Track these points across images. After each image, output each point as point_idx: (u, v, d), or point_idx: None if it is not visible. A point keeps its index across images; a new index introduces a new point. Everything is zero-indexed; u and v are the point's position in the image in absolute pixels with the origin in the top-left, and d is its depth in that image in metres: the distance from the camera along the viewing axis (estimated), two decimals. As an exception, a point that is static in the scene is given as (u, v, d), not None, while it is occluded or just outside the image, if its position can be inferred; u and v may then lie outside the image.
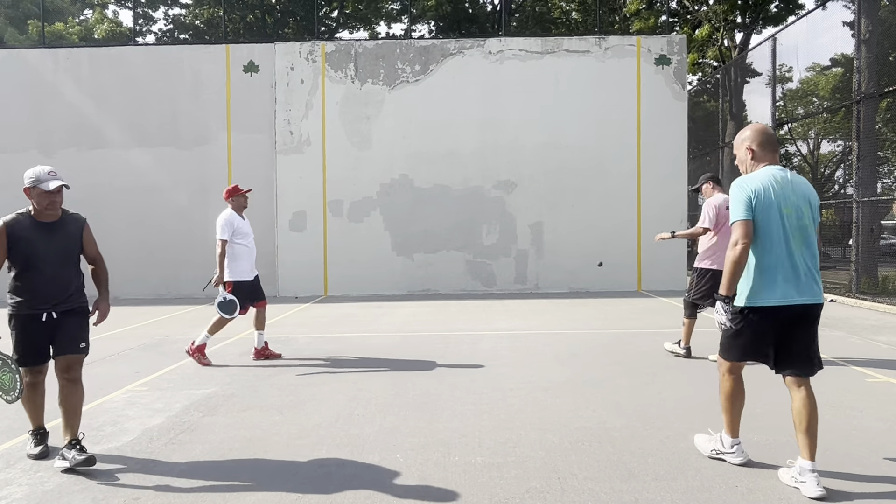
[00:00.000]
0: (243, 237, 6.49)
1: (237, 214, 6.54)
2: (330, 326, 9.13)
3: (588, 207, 13.60)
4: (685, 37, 14.68)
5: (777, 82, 14.91)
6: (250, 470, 3.65)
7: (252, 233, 6.69)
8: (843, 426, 4.25)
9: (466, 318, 9.80)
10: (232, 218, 6.46)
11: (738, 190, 3.27)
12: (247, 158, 13.81)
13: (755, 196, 3.23)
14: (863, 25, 11.23)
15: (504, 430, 4.26)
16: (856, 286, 11.08)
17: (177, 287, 13.68)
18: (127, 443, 4.13)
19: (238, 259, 6.45)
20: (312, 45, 13.88)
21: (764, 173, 3.31)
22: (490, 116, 13.69)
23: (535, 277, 13.74)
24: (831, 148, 28.02)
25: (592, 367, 6.13)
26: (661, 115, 13.53)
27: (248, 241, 6.55)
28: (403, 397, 5.14)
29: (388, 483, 3.42)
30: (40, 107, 13.84)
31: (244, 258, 6.50)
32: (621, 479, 3.42)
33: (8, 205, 16.78)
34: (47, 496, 3.31)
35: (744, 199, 3.23)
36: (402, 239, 13.77)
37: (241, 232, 6.47)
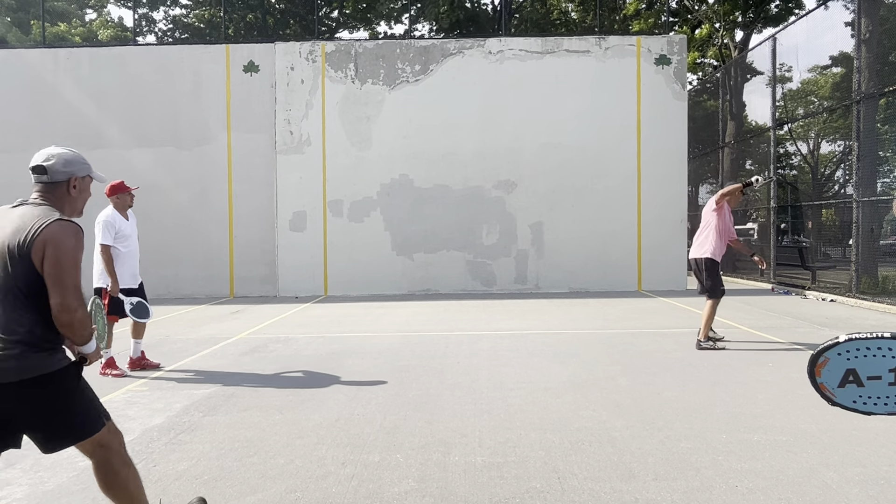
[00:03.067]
0: (124, 239, 5.97)
1: (119, 214, 6.00)
2: (330, 326, 9.13)
3: (588, 207, 13.60)
4: (685, 37, 14.67)
5: (777, 82, 14.91)
6: (250, 470, 3.65)
7: (136, 233, 6.16)
8: (843, 426, 4.25)
9: (466, 318, 9.80)
10: (114, 218, 5.92)
11: None
12: (247, 158, 13.81)
13: None
14: (863, 25, 11.23)
15: (504, 430, 4.26)
16: (856, 286, 11.09)
17: (176, 287, 13.69)
18: (127, 443, 4.11)
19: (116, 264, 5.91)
20: (312, 45, 13.88)
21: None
22: (490, 116, 13.69)
23: (535, 277, 13.75)
24: (831, 148, 28.02)
25: (592, 367, 6.13)
26: (661, 115, 13.54)
27: (129, 244, 6.03)
28: (403, 397, 5.14)
29: (389, 483, 3.42)
30: (40, 107, 13.85)
31: (124, 263, 5.98)
32: (621, 479, 3.42)
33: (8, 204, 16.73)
34: (47, 496, 3.31)
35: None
36: (402, 239, 13.77)
37: (122, 234, 5.95)
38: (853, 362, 1.86)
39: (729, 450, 3.83)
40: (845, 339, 1.85)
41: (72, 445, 2.42)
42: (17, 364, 2.22)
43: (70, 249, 2.27)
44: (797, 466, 3.56)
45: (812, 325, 8.60)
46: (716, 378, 5.66)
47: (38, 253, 2.23)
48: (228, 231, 13.82)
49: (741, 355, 6.63)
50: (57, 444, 2.39)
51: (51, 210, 2.35)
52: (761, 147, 16.57)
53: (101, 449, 2.48)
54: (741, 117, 18.29)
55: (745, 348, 6.99)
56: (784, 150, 22.38)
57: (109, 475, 2.51)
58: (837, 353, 1.85)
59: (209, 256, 13.75)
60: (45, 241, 2.23)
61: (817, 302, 11.39)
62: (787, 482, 3.36)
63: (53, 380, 2.30)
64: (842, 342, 1.85)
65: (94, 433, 2.42)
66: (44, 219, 2.28)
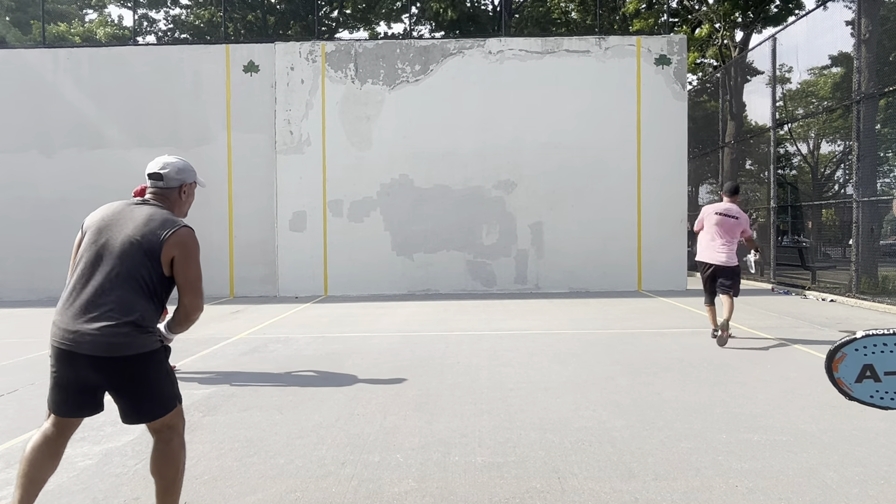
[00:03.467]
0: None
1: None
2: (330, 326, 9.13)
3: (588, 207, 13.61)
4: (685, 37, 14.67)
5: (777, 82, 14.91)
6: (250, 470, 3.65)
7: None
8: (842, 426, 4.25)
9: (466, 318, 9.80)
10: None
11: None
12: (247, 158, 13.82)
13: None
14: (863, 25, 11.23)
15: (504, 430, 4.26)
16: (856, 286, 11.09)
17: (177, 287, 13.68)
18: (127, 443, 4.13)
19: None
20: (312, 45, 13.88)
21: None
22: (490, 116, 13.69)
23: (535, 277, 13.75)
24: (831, 148, 28.02)
25: (592, 367, 6.13)
26: (661, 115, 13.54)
27: None
28: (403, 397, 5.14)
29: (388, 483, 3.42)
30: (40, 107, 13.85)
31: None
32: (621, 479, 3.42)
33: (8, 204, 16.75)
34: (47, 496, 3.31)
35: None
36: (402, 239, 13.77)
37: None
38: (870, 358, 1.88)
39: (729, 450, 3.83)
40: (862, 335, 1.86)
41: (150, 421, 2.69)
42: (126, 341, 2.55)
43: (196, 255, 2.70)
44: (797, 466, 3.56)
45: (812, 325, 8.60)
46: (716, 378, 5.66)
47: (168, 255, 2.61)
48: (228, 231, 13.82)
49: (741, 355, 6.63)
50: (139, 417, 2.67)
51: (171, 214, 2.76)
52: (761, 147, 16.57)
53: (168, 430, 2.73)
54: (741, 117, 18.29)
55: (745, 348, 6.99)
56: (784, 151, 22.39)
57: (167, 455, 2.72)
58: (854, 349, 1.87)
59: (209, 256, 13.74)
60: (174, 246, 2.62)
61: (817, 302, 11.39)
62: (787, 482, 3.36)
63: (149, 358, 2.64)
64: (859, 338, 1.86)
65: (170, 411, 2.71)
66: (172, 225, 2.66)
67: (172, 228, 2.65)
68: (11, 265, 13.64)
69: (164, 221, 2.67)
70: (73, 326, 2.56)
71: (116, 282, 2.58)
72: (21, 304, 12.76)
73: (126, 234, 2.63)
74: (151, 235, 2.62)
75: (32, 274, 13.60)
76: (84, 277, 2.63)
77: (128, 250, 2.61)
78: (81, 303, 2.59)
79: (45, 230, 13.63)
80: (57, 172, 13.70)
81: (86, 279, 2.62)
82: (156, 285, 2.65)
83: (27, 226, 13.63)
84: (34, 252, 13.62)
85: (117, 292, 2.57)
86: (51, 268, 13.65)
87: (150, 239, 2.62)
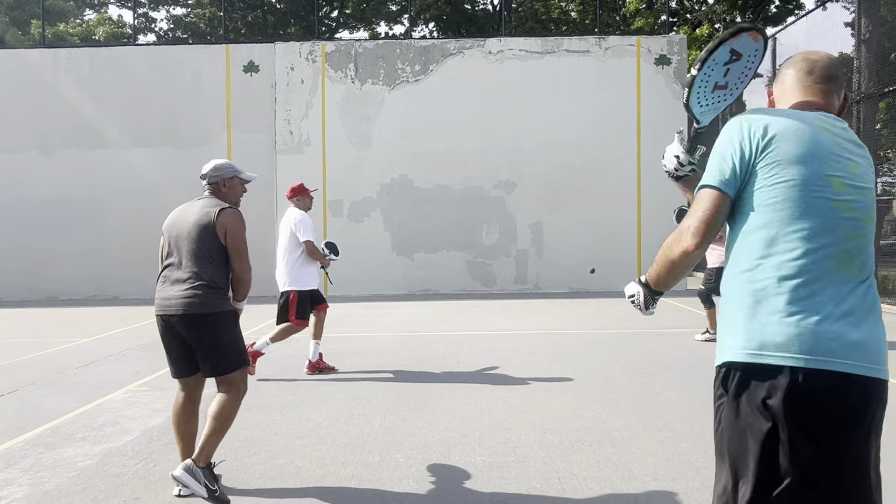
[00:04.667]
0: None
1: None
2: (330, 326, 9.09)
3: (588, 207, 13.60)
4: (685, 37, 14.68)
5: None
6: (250, 470, 3.65)
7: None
8: (843, 426, 4.25)
9: (466, 318, 9.80)
10: (308, 217, 5.90)
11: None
12: (247, 158, 13.77)
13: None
14: (863, 26, 11.23)
15: (504, 430, 4.26)
16: (856, 286, 11.07)
17: (177, 287, 13.68)
18: (127, 443, 4.13)
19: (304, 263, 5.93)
20: (312, 45, 13.88)
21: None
22: (490, 116, 13.68)
23: (535, 277, 13.74)
24: (831, 148, 27.99)
25: (592, 367, 6.13)
26: (661, 115, 13.53)
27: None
28: (403, 397, 5.14)
29: (388, 483, 3.42)
30: (40, 107, 13.84)
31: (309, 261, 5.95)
32: (621, 479, 3.42)
33: (8, 204, 16.72)
34: (47, 496, 3.31)
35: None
36: (402, 239, 13.77)
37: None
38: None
39: (729, 450, 3.83)
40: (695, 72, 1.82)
41: (223, 374, 3.31)
42: (205, 301, 3.26)
43: (240, 229, 3.42)
44: (797, 466, 3.56)
45: (812, 325, 8.59)
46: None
47: (221, 231, 3.33)
48: (228, 231, 13.81)
49: (741, 355, 6.62)
50: (215, 370, 3.31)
51: (219, 201, 3.48)
52: (761, 147, 16.56)
53: (229, 385, 3.34)
54: (741, 117, 18.27)
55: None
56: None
57: (222, 405, 3.30)
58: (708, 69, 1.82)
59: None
60: (223, 224, 3.34)
61: (817, 302, 11.38)
62: (787, 482, 3.35)
63: (221, 318, 3.33)
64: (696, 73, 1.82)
65: (239, 368, 3.37)
66: (217, 207, 3.40)
67: (220, 209, 3.39)
68: (11, 265, 13.63)
69: (214, 205, 3.43)
70: (167, 295, 3.33)
71: (190, 257, 3.33)
72: (21, 304, 12.76)
73: (190, 221, 3.38)
74: (206, 217, 3.36)
75: (32, 274, 13.60)
76: (168, 261, 3.42)
77: (192, 232, 3.34)
78: (170, 279, 3.36)
79: (45, 230, 13.62)
80: (57, 172, 13.70)
81: (169, 262, 3.42)
82: (218, 254, 3.36)
83: (27, 226, 13.63)
84: (34, 252, 13.61)
85: (193, 265, 3.32)
86: (51, 268, 13.65)
87: (206, 220, 3.35)
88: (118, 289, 13.62)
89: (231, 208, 3.45)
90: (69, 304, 12.61)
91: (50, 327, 9.57)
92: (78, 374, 6.20)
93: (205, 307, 3.26)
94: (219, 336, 3.31)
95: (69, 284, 13.58)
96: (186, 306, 3.24)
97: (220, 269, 3.38)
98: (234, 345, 3.38)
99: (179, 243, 3.38)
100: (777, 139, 1.62)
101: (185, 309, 3.24)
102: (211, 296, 3.29)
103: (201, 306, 3.25)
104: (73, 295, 13.56)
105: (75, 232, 13.63)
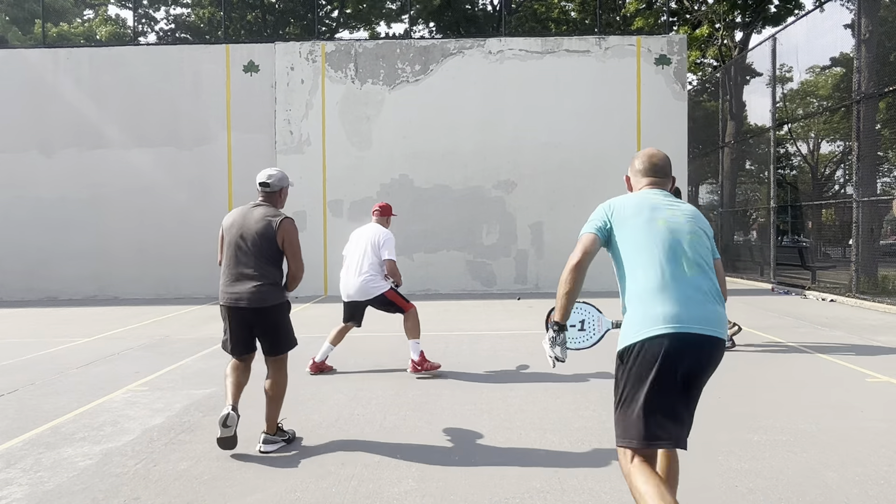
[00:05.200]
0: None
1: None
2: (330, 326, 9.09)
3: (588, 207, 13.39)
4: (685, 37, 14.67)
5: (777, 82, 14.91)
6: (250, 470, 3.65)
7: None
8: (843, 426, 4.25)
9: (466, 318, 9.80)
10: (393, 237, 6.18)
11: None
12: (247, 158, 13.80)
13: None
14: (863, 26, 11.23)
15: (504, 430, 4.26)
16: (856, 286, 11.09)
17: (176, 287, 13.68)
18: (127, 443, 4.13)
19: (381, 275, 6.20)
20: (312, 45, 13.88)
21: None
22: (490, 116, 13.68)
23: (535, 277, 13.74)
24: (831, 148, 28.01)
25: (593, 367, 6.13)
26: (661, 115, 13.53)
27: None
28: (403, 397, 5.14)
29: (388, 483, 3.42)
30: (40, 107, 13.84)
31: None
32: (621, 479, 3.41)
33: (8, 204, 16.67)
34: (47, 496, 3.31)
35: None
36: (402, 239, 13.72)
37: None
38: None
39: (729, 450, 3.84)
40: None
41: (277, 356, 4.12)
42: (268, 296, 3.97)
43: (295, 236, 4.05)
44: (797, 466, 3.57)
45: (812, 325, 8.60)
46: (716, 378, 5.64)
47: (280, 237, 3.97)
48: (228, 231, 13.81)
49: (741, 355, 6.63)
50: (273, 351, 4.11)
51: (276, 210, 4.12)
52: (761, 147, 16.57)
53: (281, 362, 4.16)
54: (741, 117, 18.29)
55: (746, 348, 6.99)
56: (784, 151, 22.38)
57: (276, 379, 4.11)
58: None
59: (209, 256, 13.72)
60: (283, 231, 3.98)
61: (817, 302, 11.39)
62: (787, 482, 3.36)
63: (280, 309, 4.08)
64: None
65: (290, 349, 4.19)
66: (277, 217, 4.01)
67: (280, 219, 4.01)
68: (11, 265, 13.63)
69: (274, 215, 4.04)
70: (235, 290, 3.96)
71: (254, 258, 3.95)
72: (21, 304, 12.76)
73: (253, 228, 3.98)
74: (268, 226, 3.97)
75: (32, 274, 13.60)
76: (234, 259, 4.00)
77: (255, 238, 3.95)
78: (237, 274, 3.97)
79: (45, 230, 13.62)
80: (57, 172, 13.70)
81: (235, 260, 3.99)
82: (277, 257, 4.02)
83: (27, 226, 13.63)
84: (34, 252, 13.61)
85: (257, 265, 3.95)
86: (51, 268, 13.65)
87: (268, 228, 3.97)
88: (118, 289, 13.62)
89: (288, 218, 4.06)
90: (69, 304, 12.61)
91: (50, 327, 9.57)
92: (78, 374, 6.20)
93: (270, 300, 3.96)
94: (278, 323, 4.09)
95: (69, 284, 13.59)
96: (255, 301, 3.92)
97: (279, 268, 4.04)
98: (289, 331, 4.17)
99: (242, 244, 3.98)
100: (617, 208, 2.74)
101: (254, 303, 3.92)
102: (273, 291, 3.98)
103: (268, 299, 3.95)
104: (73, 295, 13.56)
105: (75, 232, 13.63)
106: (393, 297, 6.08)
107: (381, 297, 6.03)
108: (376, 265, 6.00)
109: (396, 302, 6.08)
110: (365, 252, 6.02)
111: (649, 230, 2.54)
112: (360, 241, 6.11)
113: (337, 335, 6.27)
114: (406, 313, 6.07)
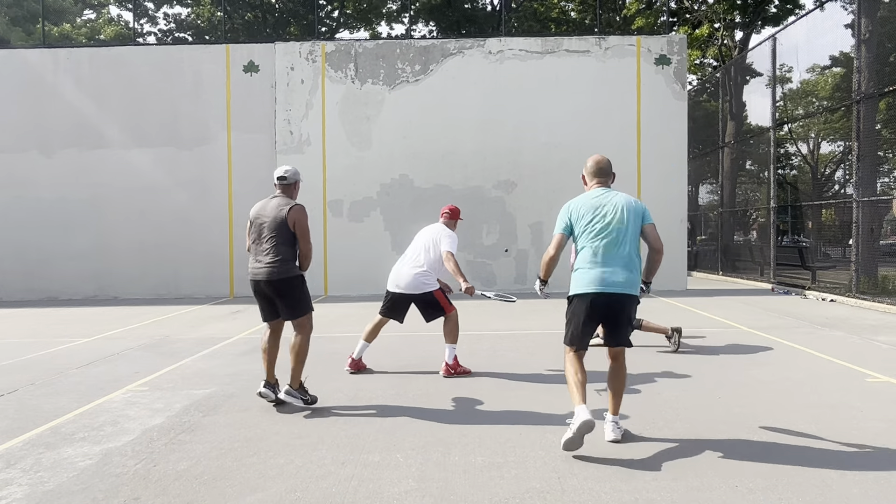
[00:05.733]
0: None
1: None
2: (330, 326, 9.13)
3: (588, 207, 13.57)
4: (685, 37, 14.66)
5: (777, 82, 14.91)
6: (250, 470, 3.65)
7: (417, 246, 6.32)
8: (843, 426, 4.25)
9: (466, 318, 9.78)
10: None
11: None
12: (247, 158, 13.81)
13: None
14: (863, 26, 11.23)
15: (504, 430, 4.26)
16: (856, 286, 11.08)
17: (176, 287, 13.68)
18: (127, 443, 4.13)
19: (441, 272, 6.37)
20: (312, 45, 13.88)
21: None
22: (490, 116, 13.68)
23: (535, 277, 13.71)
24: (831, 148, 28.02)
25: (592, 367, 6.12)
26: (661, 115, 13.53)
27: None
28: (403, 397, 5.15)
29: (389, 483, 3.42)
30: (40, 107, 13.84)
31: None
32: (621, 479, 3.42)
33: (8, 204, 16.67)
34: (47, 496, 3.31)
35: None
36: (402, 239, 13.73)
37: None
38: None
39: (729, 450, 3.84)
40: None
41: (297, 318, 4.85)
42: (282, 270, 4.76)
43: (305, 221, 4.83)
44: (797, 466, 3.57)
45: (812, 325, 8.60)
46: (716, 378, 5.66)
47: (291, 222, 4.75)
48: (228, 231, 13.82)
49: (741, 355, 6.63)
50: (291, 315, 4.85)
51: (289, 199, 4.88)
52: (761, 147, 16.57)
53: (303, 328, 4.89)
54: (741, 117, 18.29)
55: (746, 348, 6.99)
56: (784, 151, 22.38)
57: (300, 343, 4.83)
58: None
59: (209, 256, 13.75)
60: (293, 216, 4.76)
61: (817, 302, 11.39)
62: (786, 482, 3.36)
63: (294, 281, 4.83)
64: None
65: (305, 314, 4.89)
66: (288, 205, 4.79)
67: (291, 206, 4.79)
68: (11, 265, 13.64)
69: (287, 203, 4.82)
70: (257, 266, 4.84)
71: (272, 240, 4.78)
72: (21, 304, 12.76)
73: (270, 215, 4.81)
74: (281, 213, 4.77)
75: (32, 274, 13.60)
76: (257, 242, 4.86)
77: (271, 223, 4.79)
78: (259, 253, 4.84)
79: (45, 230, 13.62)
80: (57, 172, 13.70)
81: (259, 243, 4.85)
82: (290, 239, 4.78)
83: (27, 226, 13.63)
84: (34, 252, 13.61)
85: (274, 246, 4.77)
86: (51, 268, 13.65)
87: (281, 214, 4.76)
88: (118, 289, 13.63)
89: (298, 205, 4.81)
90: (69, 304, 12.61)
91: (50, 327, 9.57)
92: (78, 374, 6.20)
93: (281, 274, 4.73)
94: (291, 292, 4.80)
95: (69, 284, 13.59)
96: (270, 274, 4.73)
97: (291, 247, 4.80)
98: (303, 298, 4.85)
99: (263, 229, 4.80)
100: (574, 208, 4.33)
101: (270, 276, 4.74)
102: (285, 266, 4.75)
103: (279, 273, 4.72)
104: (73, 295, 13.56)
105: (75, 232, 13.64)
106: (440, 297, 6.08)
107: (429, 294, 6.01)
108: (433, 263, 6.03)
109: (441, 302, 6.06)
110: (425, 247, 6.06)
111: (591, 224, 4.16)
112: (422, 237, 6.16)
113: (372, 331, 6.24)
114: (447, 316, 6.05)
